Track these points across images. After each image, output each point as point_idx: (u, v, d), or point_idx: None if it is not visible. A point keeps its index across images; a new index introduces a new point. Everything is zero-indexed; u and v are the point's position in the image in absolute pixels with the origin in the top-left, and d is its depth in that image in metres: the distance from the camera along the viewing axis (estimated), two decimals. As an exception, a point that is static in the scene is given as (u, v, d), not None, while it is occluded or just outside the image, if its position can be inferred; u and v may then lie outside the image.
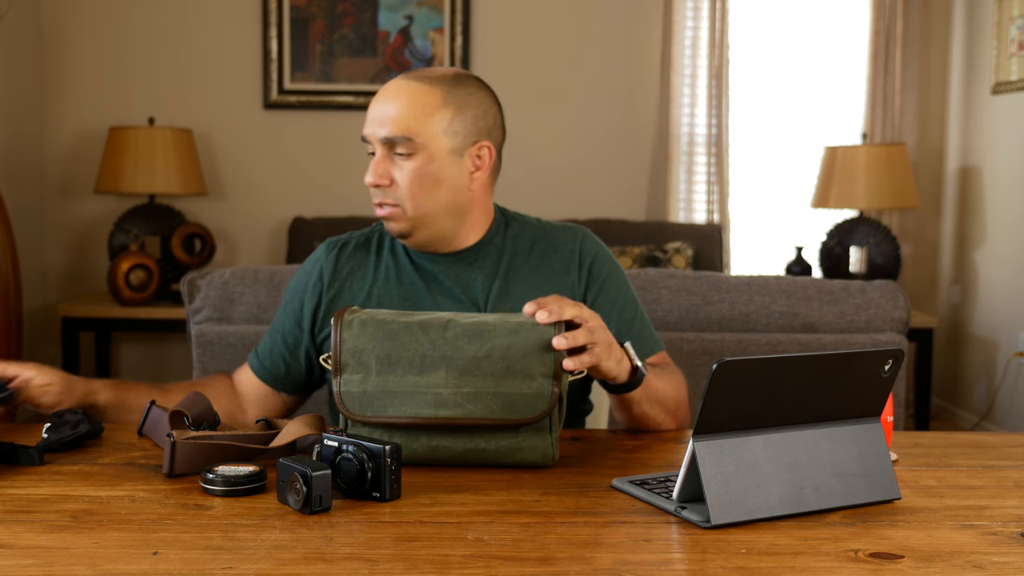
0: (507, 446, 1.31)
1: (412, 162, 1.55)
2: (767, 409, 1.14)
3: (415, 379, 1.31)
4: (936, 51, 4.87)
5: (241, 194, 4.77)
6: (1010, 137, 4.31)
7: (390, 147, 1.56)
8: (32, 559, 0.99)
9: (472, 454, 1.31)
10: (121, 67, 4.68)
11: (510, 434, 1.31)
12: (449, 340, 1.32)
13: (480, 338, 1.32)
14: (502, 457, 1.31)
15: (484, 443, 1.31)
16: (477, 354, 1.31)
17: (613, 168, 4.83)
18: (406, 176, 1.55)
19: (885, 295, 2.36)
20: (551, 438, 1.32)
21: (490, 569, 0.98)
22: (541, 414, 1.30)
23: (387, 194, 1.57)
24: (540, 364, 1.31)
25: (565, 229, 1.69)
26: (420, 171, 1.55)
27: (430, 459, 1.32)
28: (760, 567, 0.99)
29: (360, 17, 4.71)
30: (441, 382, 1.30)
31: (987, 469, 1.35)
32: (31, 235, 4.49)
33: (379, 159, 1.57)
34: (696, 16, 4.71)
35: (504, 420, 1.30)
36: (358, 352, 1.32)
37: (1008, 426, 4.26)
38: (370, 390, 1.31)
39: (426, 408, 1.30)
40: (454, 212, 1.60)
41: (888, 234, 4.50)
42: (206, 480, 1.19)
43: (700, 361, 2.27)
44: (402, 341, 1.32)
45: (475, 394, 1.30)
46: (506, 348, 1.31)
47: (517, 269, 1.63)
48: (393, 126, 1.54)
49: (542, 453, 1.31)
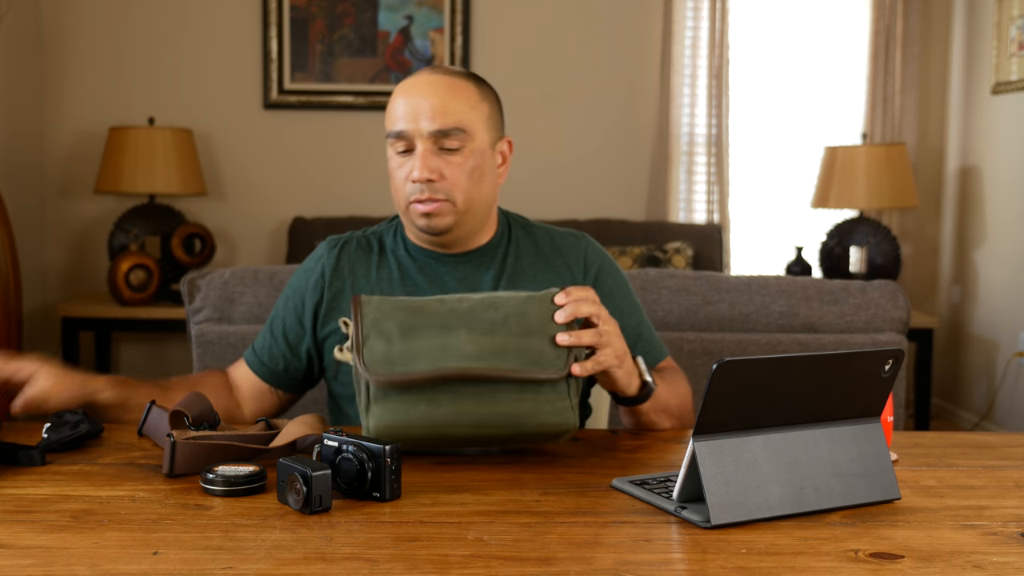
0: (529, 408, 1.30)
1: (461, 155, 1.54)
2: (767, 409, 1.14)
3: (440, 340, 1.30)
4: (936, 51, 4.87)
5: (241, 194, 4.77)
6: (1010, 137, 4.31)
7: (436, 141, 1.53)
8: (32, 559, 0.99)
9: (495, 418, 1.29)
10: (121, 67, 4.68)
11: (532, 395, 1.30)
12: (466, 309, 1.34)
13: (494, 307, 1.34)
14: (524, 419, 1.30)
15: (507, 406, 1.29)
16: (495, 318, 1.32)
17: (613, 168, 4.83)
18: (456, 170, 1.54)
19: (885, 295, 2.36)
20: (571, 402, 1.32)
21: (490, 569, 0.98)
22: (564, 368, 1.30)
23: (436, 189, 1.54)
24: (555, 327, 1.33)
25: (569, 235, 1.69)
26: (469, 164, 1.54)
27: (453, 426, 1.30)
28: (760, 567, 0.99)
29: (360, 17, 4.71)
30: (465, 339, 1.30)
31: (987, 469, 1.35)
32: (31, 235, 4.49)
33: (426, 154, 1.53)
34: (696, 16, 4.71)
35: (528, 375, 1.29)
36: (379, 323, 1.32)
37: (1008, 426, 4.26)
38: (395, 352, 1.30)
39: (452, 361, 1.29)
40: (486, 208, 1.61)
41: (888, 234, 4.50)
42: (206, 480, 1.19)
43: (700, 361, 2.27)
44: (422, 310, 1.34)
45: (499, 351, 1.30)
46: (520, 315, 1.33)
47: (522, 271, 1.63)
48: (444, 118, 1.52)
49: (564, 416, 1.31)
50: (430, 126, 1.52)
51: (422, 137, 1.52)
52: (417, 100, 1.53)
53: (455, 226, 1.57)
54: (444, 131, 1.52)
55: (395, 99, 1.57)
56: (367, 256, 1.66)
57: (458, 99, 1.54)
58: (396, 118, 1.55)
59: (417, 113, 1.52)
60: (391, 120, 1.56)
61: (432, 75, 1.56)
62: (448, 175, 1.53)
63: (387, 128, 1.57)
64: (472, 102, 1.55)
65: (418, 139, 1.53)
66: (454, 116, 1.52)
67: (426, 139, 1.52)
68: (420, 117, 1.52)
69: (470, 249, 1.63)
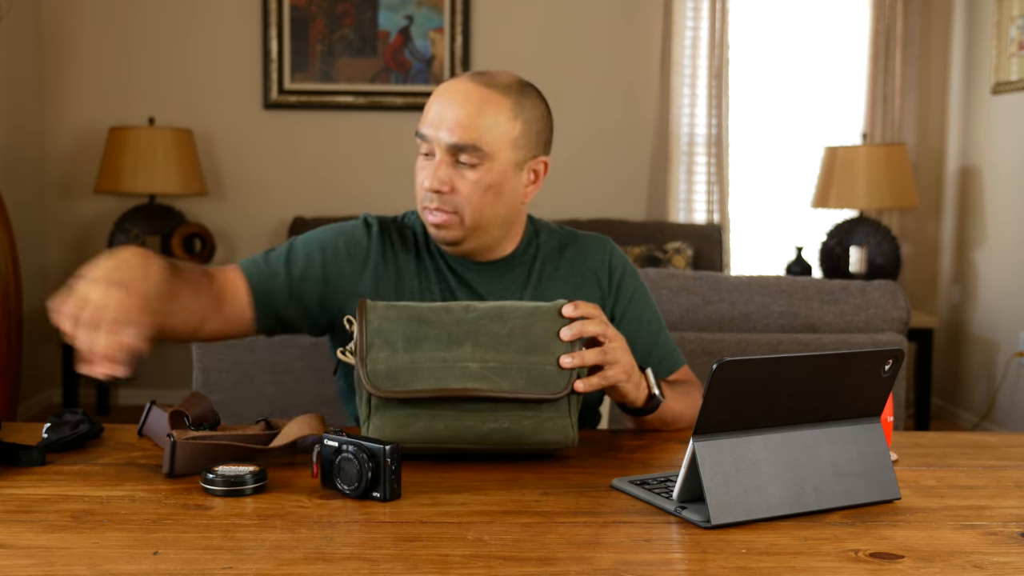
0: (530, 425, 1.31)
1: (477, 172, 1.49)
2: (767, 409, 1.14)
3: (443, 354, 1.31)
4: (936, 51, 4.87)
5: (241, 194, 4.77)
6: (1010, 137, 4.31)
7: (454, 153, 1.49)
8: (32, 559, 0.99)
9: (497, 434, 1.31)
10: (122, 67, 4.68)
11: (533, 413, 1.31)
12: (472, 320, 1.34)
13: (500, 319, 1.34)
14: (524, 437, 1.31)
15: (508, 423, 1.31)
16: (500, 331, 1.33)
17: (613, 168, 4.83)
18: (469, 186, 1.49)
19: (885, 295, 2.36)
20: (571, 420, 1.33)
21: (490, 569, 0.98)
22: (564, 389, 1.31)
23: (445, 201, 1.50)
24: (560, 345, 1.33)
25: (594, 239, 1.68)
26: (484, 182, 1.49)
27: (455, 441, 1.31)
28: (760, 567, 0.99)
29: (360, 17, 4.71)
30: (468, 355, 1.31)
31: (987, 469, 1.35)
32: (31, 235, 4.49)
33: (441, 164, 1.49)
34: (696, 16, 4.71)
35: (529, 395, 1.30)
36: (384, 332, 1.32)
37: (1008, 426, 4.26)
38: (397, 366, 1.30)
39: (454, 381, 1.30)
40: (505, 224, 1.56)
41: (888, 234, 4.50)
42: (206, 480, 1.19)
43: (700, 361, 2.27)
44: (428, 320, 1.33)
45: (501, 368, 1.31)
46: (525, 328, 1.34)
47: (549, 276, 1.62)
48: (464, 133, 1.47)
49: (564, 434, 1.32)
50: (449, 138, 1.48)
51: (440, 147, 1.49)
52: (446, 108, 1.49)
53: (463, 240, 1.54)
54: (460, 146, 1.48)
55: (431, 100, 1.53)
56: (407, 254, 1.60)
57: (487, 115, 1.48)
58: (425, 120, 1.52)
59: (441, 121, 1.49)
60: (421, 120, 1.53)
61: (469, 83, 1.51)
62: (460, 189, 1.49)
63: (417, 126, 1.53)
64: (503, 119, 1.49)
65: (437, 147, 1.50)
66: (475, 133, 1.48)
67: (444, 150, 1.49)
68: (442, 126, 1.49)
69: (495, 259, 1.60)
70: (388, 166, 4.73)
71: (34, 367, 4.55)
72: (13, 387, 3.76)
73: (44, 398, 4.70)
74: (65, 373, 4.09)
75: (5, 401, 3.67)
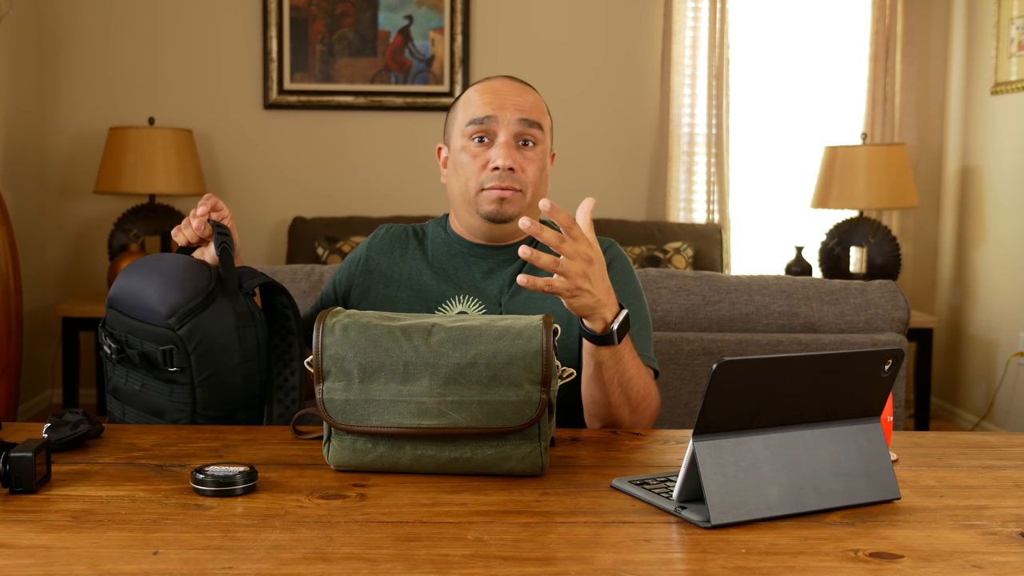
0: (493, 455, 1.25)
1: (535, 152, 1.66)
2: (767, 409, 1.14)
3: (398, 387, 1.25)
4: (936, 51, 4.87)
5: (241, 194, 4.77)
6: (1010, 137, 4.31)
7: (518, 134, 1.64)
8: (32, 559, 0.99)
9: (457, 463, 1.25)
10: (121, 67, 4.68)
11: (497, 442, 1.25)
12: (433, 347, 1.26)
13: (464, 344, 1.26)
14: (488, 467, 1.26)
15: (470, 452, 1.25)
16: (461, 361, 1.25)
17: (613, 168, 4.83)
18: (531, 164, 1.65)
19: (885, 295, 2.36)
20: (540, 446, 1.26)
21: (490, 569, 0.98)
22: (529, 421, 1.24)
23: (515, 179, 1.64)
24: (527, 371, 1.25)
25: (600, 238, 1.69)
26: (540, 162, 1.67)
27: (415, 469, 1.27)
28: (760, 567, 0.99)
29: (360, 17, 4.71)
30: (424, 391, 1.24)
31: (987, 469, 1.35)
32: (31, 235, 4.49)
33: (507, 145, 1.63)
34: (696, 16, 4.71)
35: (489, 428, 1.24)
36: (340, 359, 1.27)
37: (1008, 426, 4.26)
38: (353, 398, 1.26)
39: (409, 417, 1.24)
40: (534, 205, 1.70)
41: (888, 234, 4.50)
42: (196, 481, 1.18)
43: (700, 361, 2.27)
44: (384, 348, 1.26)
45: (460, 403, 1.24)
46: (491, 355, 1.25)
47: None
48: (531, 111, 1.64)
49: (531, 463, 1.25)
50: (518, 114, 1.63)
51: (508, 125, 1.63)
52: (504, 94, 1.65)
53: (519, 216, 1.65)
54: (530, 121, 1.64)
55: (476, 93, 1.68)
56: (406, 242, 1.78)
57: (538, 100, 1.69)
58: (481, 105, 1.65)
59: (504, 103, 1.64)
60: (474, 108, 1.65)
61: (507, 79, 1.69)
62: (525, 168, 1.65)
63: (469, 117, 1.66)
64: (543, 109, 1.70)
65: (502, 128, 1.63)
66: (537, 111, 1.66)
67: (511, 127, 1.63)
68: (508, 106, 1.64)
69: (508, 244, 1.73)
70: (388, 166, 4.73)
71: (34, 367, 4.56)
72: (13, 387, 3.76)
73: (44, 398, 4.70)
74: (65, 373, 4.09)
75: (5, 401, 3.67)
